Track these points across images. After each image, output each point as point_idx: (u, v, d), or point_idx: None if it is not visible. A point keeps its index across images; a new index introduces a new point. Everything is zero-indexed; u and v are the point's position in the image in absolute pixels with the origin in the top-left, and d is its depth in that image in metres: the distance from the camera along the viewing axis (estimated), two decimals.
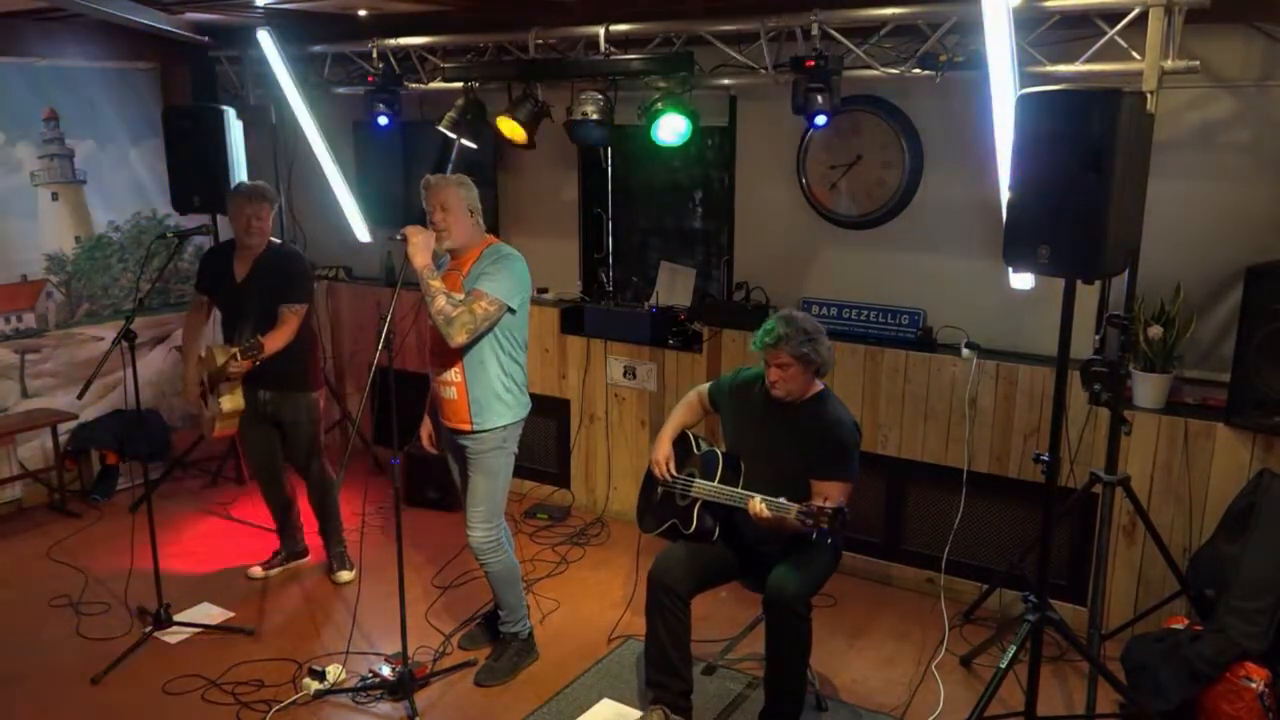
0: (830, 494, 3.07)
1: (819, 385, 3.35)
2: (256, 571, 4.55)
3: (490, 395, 3.52)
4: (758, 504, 3.07)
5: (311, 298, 4.29)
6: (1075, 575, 4.04)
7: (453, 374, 3.52)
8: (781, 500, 3.05)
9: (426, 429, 3.85)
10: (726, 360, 4.72)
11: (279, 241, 4.30)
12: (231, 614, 4.21)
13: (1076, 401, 3.74)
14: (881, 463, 4.40)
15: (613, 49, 4.41)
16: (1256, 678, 3.13)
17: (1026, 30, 3.64)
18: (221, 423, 4.13)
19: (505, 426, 3.57)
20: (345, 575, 4.44)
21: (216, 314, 4.53)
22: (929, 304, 4.42)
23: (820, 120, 3.89)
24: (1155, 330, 3.72)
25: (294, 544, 4.65)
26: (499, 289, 3.42)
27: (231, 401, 4.08)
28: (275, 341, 4.03)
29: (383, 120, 5.06)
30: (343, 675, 3.70)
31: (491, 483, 3.60)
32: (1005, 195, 3.08)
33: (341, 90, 5.49)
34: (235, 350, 3.89)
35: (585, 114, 4.34)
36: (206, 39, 5.54)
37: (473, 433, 3.55)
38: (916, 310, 4.43)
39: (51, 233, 5.43)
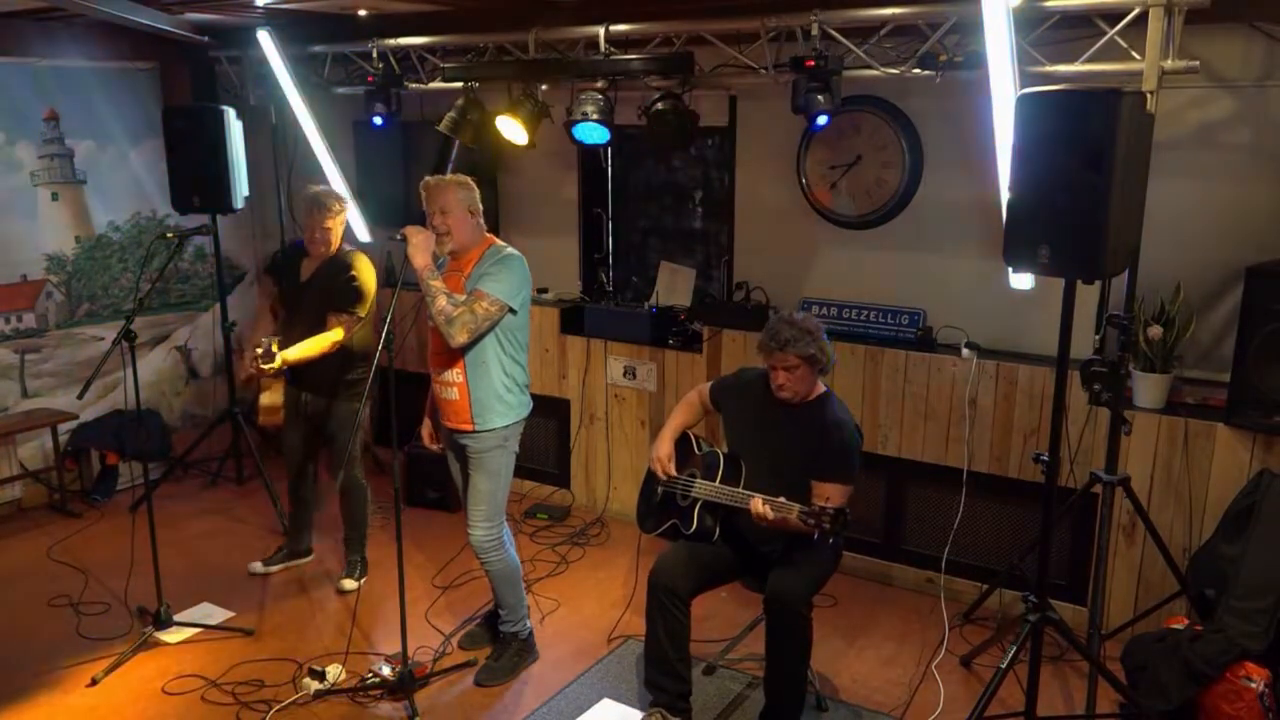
0: (830, 495, 3.08)
1: (822, 387, 3.35)
2: (257, 567, 4.56)
3: (492, 396, 3.52)
4: (760, 504, 3.07)
5: (365, 310, 4.15)
6: (1075, 575, 4.04)
7: (454, 374, 3.52)
8: (783, 500, 3.05)
9: (427, 428, 3.86)
10: (726, 360, 4.72)
11: (350, 249, 4.23)
12: (231, 614, 4.21)
13: (1076, 401, 3.74)
14: (881, 463, 4.40)
15: (613, 49, 4.41)
16: (1256, 678, 3.13)
17: (1026, 30, 3.64)
18: (263, 415, 4.27)
19: (506, 426, 3.58)
20: (349, 583, 4.42)
21: None
22: (929, 304, 4.42)
23: (821, 121, 3.89)
24: (1155, 330, 3.72)
25: (298, 543, 4.65)
26: (500, 289, 3.42)
27: (269, 397, 4.21)
28: (310, 348, 4.03)
29: (377, 120, 5.06)
30: (343, 675, 3.70)
31: (492, 482, 3.60)
32: (1005, 195, 3.08)
33: (341, 90, 5.48)
34: (259, 351, 3.93)
35: (585, 114, 4.34)
36: (206, 39, 5.53)
37: (474, 432, 3.55)
38: (916, 310, 4.43)
39: (51, 233, 5.42)
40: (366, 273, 4.16)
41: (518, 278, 3.50)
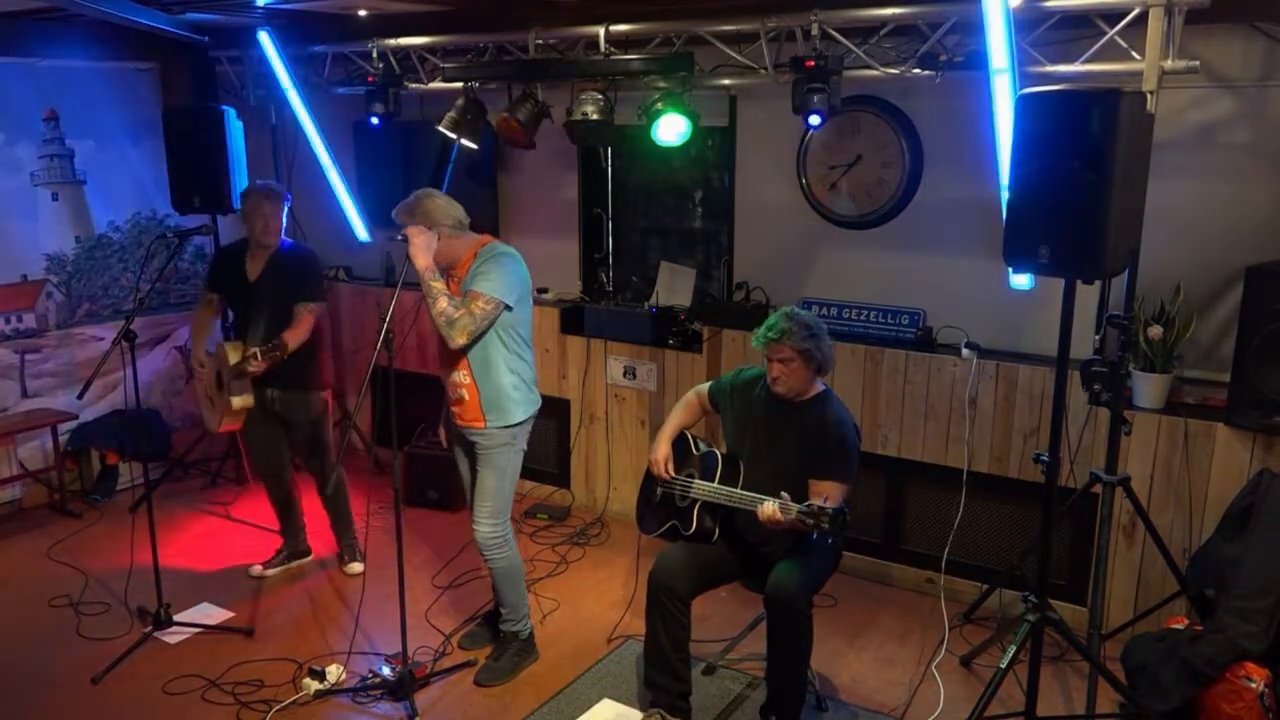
0: (829, 494, 3.07)
1: (820, 386, 3.35)
2: (257, 569, 4.56)
3: (501, 395, 3.53)
4: (771, 508, 3.05)
5: (325, 296, 4.31)
6: (1075, 575, 4.04)
7: (462, 376, 3.52)
8: (784, 501, 3.04)
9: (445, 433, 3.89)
10: (726, 360, 4.72)
11: (290, 240, 4.31)
12: (231, 614, 4.21)
13: (1076, 401, 3.73)
14: (881, 463, 4.40)
15: (613, 49, 4.41)
16: (1256, 678, 3.13)
17: (1026, 30, 3.64)
18: (228, 418, 4.22)
19: (517, 424, 3.58)
20: (356, 566, 4.47)
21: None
22: (929, 304, 4.42)
23: (814, 120, 3.89)
24: (1155, 330, 3.72)
25: (296, 543, 4.65)
26: (493, 287, 3.42)
27: (243, 400, 4.17)
28: (293, 340, 4.06)
29: (373, 120, 5.06)
30: (343, 675, 3.70)
31: (500, 479, 3.60)
32: (1005, 195, 3.08)
33: (341, 90, 5.48)
34: (255, 350, 3.93)
35: (585, 114, 4.34)
36: (206, 39, 5.54)
37: (485, 430, 3.56)
38: (916, 310, 4.43)
39: (51, 233, 5.42)
40: (318, 260, 4.34)
41: (511, 274, 3.49)
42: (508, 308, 3.47)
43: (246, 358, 3.95)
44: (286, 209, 4.26)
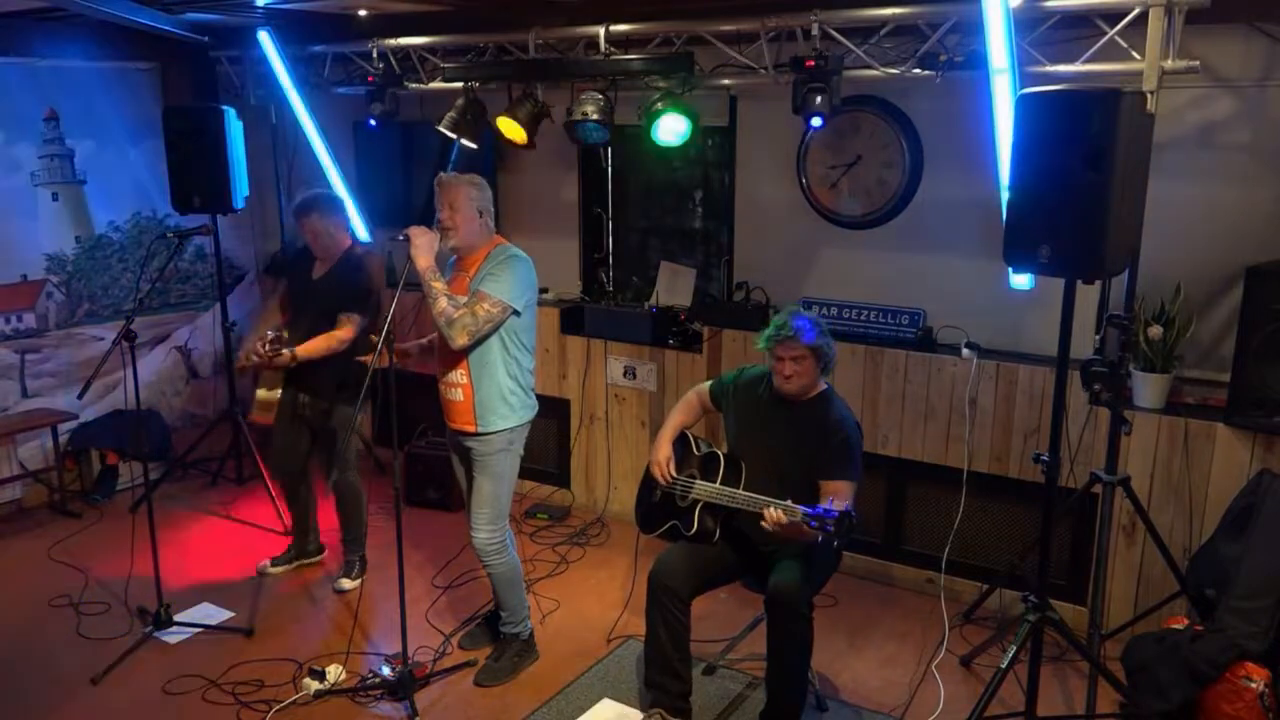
0: (837, 494, 3.07)
1: (823, 385, 3.35)
2: (265, 566, 4.56)
3: (496, 398, 3.52)
4: (775, 512, 3.03)
5: (370, 311, 4.17)
6: (1075, 575, 4.04)
7: (459, 375, 3.51)
8: (789, 503, 3.04)
9: (413, 340, 3.83)
10: (727, 360, 4.72)
11: (362, 250, 4.24)
12: (231, 614, 4.21)
13: (1076, 401, 3.74)
14: (881, 463, 4.40)
15: (613, 49, 4.41)
16: (1256, 678, 3.13)
17: (1026, 30, 3.64)
18: (257, 409, 4.28)
19: (511, 429, 3.57)
20: (346, 583, 4.42)
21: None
22: (929, 304, 4.42)
23: (816, 122, 3.88)
24: (1155, 330, 3.72)
25: (304, 543, 4.65)
26: (502, 290, 3.42)
27: (266, 392, 4.18)
28: (316, 345, 4.01)
29: (373, 120, 5.06)
30: (343, 675, 3.70)
31: (497, 484, 3.59)
32: (1005, 195, 3.08)
33: (341, 90, 5.48)
34: (269, 336, 3.92)
35: (585, 114, 4.34)
36: (206, 39, 5.53)
37: (478, 435, 3.54)
38: (916, 310, 4.43)
39: (51, 233, 5.42)
40: (378, 275, 4.20)
41: (521, 279, 3.49)
42: (515, 312, 3.47)
43: (255, 350, 3.95)
44: (334, 219, 4.16)
